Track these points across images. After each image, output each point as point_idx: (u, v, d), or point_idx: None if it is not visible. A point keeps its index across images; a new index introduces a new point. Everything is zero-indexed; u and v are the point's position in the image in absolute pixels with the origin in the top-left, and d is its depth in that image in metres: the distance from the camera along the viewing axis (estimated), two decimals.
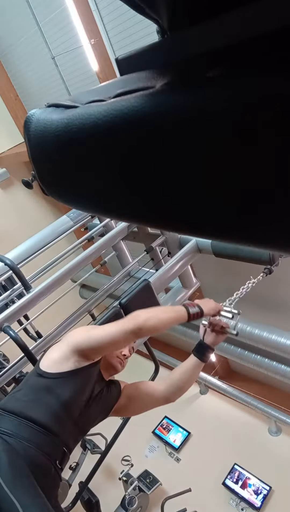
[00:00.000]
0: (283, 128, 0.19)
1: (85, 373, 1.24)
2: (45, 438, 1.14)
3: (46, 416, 1.16)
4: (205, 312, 1.32)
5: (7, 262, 1.92)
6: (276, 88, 0.19)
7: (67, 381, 1.21)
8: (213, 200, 0.25)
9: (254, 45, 0.21)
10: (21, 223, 4.52)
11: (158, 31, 0.31)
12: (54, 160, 0.37)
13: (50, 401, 1.18)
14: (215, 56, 0.24)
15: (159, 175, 0.27)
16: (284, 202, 0.21)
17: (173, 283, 2.40)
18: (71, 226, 2.46)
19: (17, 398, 1.20)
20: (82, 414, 1.25)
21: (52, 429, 1.16)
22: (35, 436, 1.12)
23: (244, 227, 0.25)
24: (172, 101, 0.24)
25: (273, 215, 0.23)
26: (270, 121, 0.20)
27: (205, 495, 3.85)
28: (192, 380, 1.42)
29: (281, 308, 3.66)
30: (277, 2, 0.20)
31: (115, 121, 0.28)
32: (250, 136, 0.21)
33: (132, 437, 3.50)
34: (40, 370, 1.24)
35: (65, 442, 1.20)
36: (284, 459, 3.98)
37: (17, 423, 1.12)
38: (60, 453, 1.18)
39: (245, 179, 0.22)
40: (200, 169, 0.24)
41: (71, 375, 1.22)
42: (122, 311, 1.81)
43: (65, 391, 1.20)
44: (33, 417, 1.14)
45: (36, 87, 4.18)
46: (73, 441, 1.28)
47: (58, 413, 1.18)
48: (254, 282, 1.76)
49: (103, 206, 0.38)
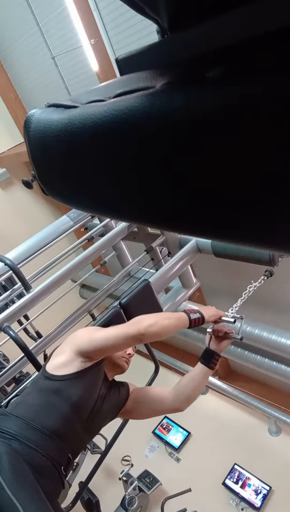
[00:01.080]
0: (283, 127, 0.19)
1: (92, 373, 1.26)
2: (52, 443, 1.13)
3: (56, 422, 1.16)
4: (205, 318, 1.33)
5: (7, 262, 1.92)
6: (276, 88, 0.19)
7: (75, 381, 1.22)
8: (214, 200, 0.25)
9: (254, 45, 0.21)
10: (21, 223, 4.52)
11: (158, 31, 0.31)
12: (54, 160, 0.37)
13: (60, 404, 1.18)
14: (215, 56, 0.24)
15: (159, 175, 0.27)
16: (284, 201, 0.21)
17: (173, 283, 2.40)
18: (71, 226, 2.46)
19: (28, 403, 1.20)
20: (91, 415, 1.25)
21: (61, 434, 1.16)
22: (42, 440, 1.12)
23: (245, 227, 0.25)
24: (172, 101, 0.24)
25: (273, 214, 0.23)
26: (271, 120, 0.20)
27: (205, 495, 3.85)
28: (200, 388, 1.42)
29: (281, 308, 3.66)
30: (277, 2, 0.20)
31: (115, 121, 0.28)
32: (251, 136, 0.21)
33: (132, 437, 3.49)
34: (47, 373, 1.24)
35: (72, 449, 1.21)
36: (284, 459, 3.98)
37: (24, 426, 1.12)
38: (66, 459, 1.19)
39: (245, 179, 0.22)
40: (200, 169, 0.24)
41: (79, 375, 1.23)
42: (122, 311, 1.81)
43: (75, 392, 1.20)
44: (42, 422, 1.14)
45: (36, 87, 4.18)
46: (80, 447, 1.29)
47: (68, 416, 1.18)
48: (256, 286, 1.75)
49: (103, 206, 0.38)
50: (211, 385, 4.77)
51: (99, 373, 1.29)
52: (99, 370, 1.29)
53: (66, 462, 1.19)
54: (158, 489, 3.89)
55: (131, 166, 0.29)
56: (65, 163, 0.36)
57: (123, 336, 1.21)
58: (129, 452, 3.67)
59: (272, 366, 3.53)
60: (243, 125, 0.21)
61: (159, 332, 1.22)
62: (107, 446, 2.38)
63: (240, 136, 0.21)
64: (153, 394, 1.42)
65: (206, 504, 3.73)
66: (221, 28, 0.23)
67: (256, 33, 0.21)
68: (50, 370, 1.25)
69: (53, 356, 1.31)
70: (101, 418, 1.32)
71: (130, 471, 3.67)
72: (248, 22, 0.21)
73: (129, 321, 1.28)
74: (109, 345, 1.23)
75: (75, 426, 1.21)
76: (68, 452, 1.19)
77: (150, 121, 0.26)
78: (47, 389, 1.21)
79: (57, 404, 1.18)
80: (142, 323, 1.21)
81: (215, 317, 1.38)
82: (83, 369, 1.23)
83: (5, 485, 0.95)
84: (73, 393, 1.20)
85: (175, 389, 1.40)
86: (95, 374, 1.27)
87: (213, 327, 1.39)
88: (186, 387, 1.39)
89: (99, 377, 1.29)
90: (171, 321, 1.27)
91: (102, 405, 1.29)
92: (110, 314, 1.78)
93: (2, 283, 2.13)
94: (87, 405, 1.24)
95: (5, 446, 1.06)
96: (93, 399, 1.26)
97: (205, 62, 0.25)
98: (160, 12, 0.28)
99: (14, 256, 2.11)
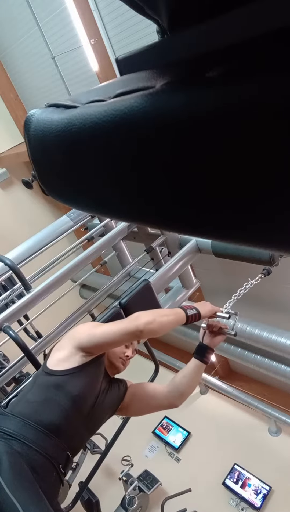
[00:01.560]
0: (283, 127, 0.19)
1: (93, 367, 1.26)
2: (50, 441, 1.13)
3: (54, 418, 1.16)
4: (202, 314, 1.35)
5: (7, 262, 1.92)
6: (276, 87, 0.19)
7: (75, 376, 1.22)
8: (214, 200, 0.25)
9: (254, 45, 0.21)
10: (21, 223, 4.52)
11: (158, 31, 0.31)
12: (54, 160, 0.37)
13: (61, 399, 1.18)
14: (215, 56, 0.24)
15: (159, 175, 0.27)
16: (284, 201, 0.21)
17: (173, 283, 2.40)
18: (71, 226, 2.46)
19: (27, 400, 1.21)
20: (92, 411, 1.26)
21: (60, 431, 1.16)
22: (40, 439, 1.12)
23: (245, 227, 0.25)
24: (172, 101, 0.24)
25: (273, 214, 0.23)
26: (271, 120, 0.20)
27: (205, 495, 3.85)
28: (194, 383, 1.42)
29: (281, 308, 3.66)
30: (277, 2, 0.20)
31: (115, 121, 0.28)
32: (251, 136, 0.21)
33: (132, 437, 3.50)
34: (48, 369, 1.25)
35: (71, 446, 1.21)
36: (284, 459, 3.98)
37: (22, 425, 1.12)
38: (64, 457, 1.19)
39: (245, 179, 0.22)
40: (201, 169, 0.24)
41: (79, 370, 1.23)
42: (122, 311, 1.81)
43: (76, 386, 1.21)
44: (41, 419, 1.14)
45: (36, 87, 4.18)
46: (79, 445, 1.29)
47: (68, 412, 1.18)
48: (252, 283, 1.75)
49: (103, 206, 0.38)
50: (211, 385, 4.77)
51: (100, 367, 1.31)
52: (100, 364, 1.30)
53: (65, 461, 1.19)
54: (158, 489, 3.89)
55: (131, 166, 0.29)
56: (65, 163, 0.36)
57: (121, 332, 1.22)
58: (129, 452, 3.67)
59: (272, 366, 3.53)
60: (243, 125, 0.21)
61: (158, 329, 1.23)
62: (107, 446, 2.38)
63: (240, 136, 0.21)
64: (148, 390, 1.43)
65: (206, 504, 3.73)
66: (221, 28, 0.23)
67: (256, 33, 0.21)
68: (51, 366, 1.25)
69: (53, 351, 1.32)
70: (101, 414, 1.32)
71: (130, 471, 3.68)
72: (248, 22, 0.21)
73: (128, 317, 1.29)
74: (108, 341, 1.24)
75: (75, 422, 1.21)
76: (66, 449, 1.19)
77: (150, 121, 0.26)
78: (47, 384, 1.21)
79: (57, 399, 1.18)
80: (140, 320, 1.22)
81: (211, 312, 1.39)
82: (83, 363, 1.24)
83: (5, 485, 0.95)
84: (74, 387, 1.20)
85: (170, 385, 1.41)
86: (96, 368, 1.28)
87: (207, 322, 1.40)
88: (181, 383, 1.40)
89: (100, 372, 1.30)
90: (169, 318, 1.28)
91: (103, 400, 1.30)
92: (110, 314, 1.78)
93: (2, 283, 2.13)
94: (88, 400, 1.24)
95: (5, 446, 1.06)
96: (94, 394, 1.26)
97: (205, 62, 0.25)
98: (160, 12, 0.28)
99: (14, 256, 2.11)
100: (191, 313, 1.32)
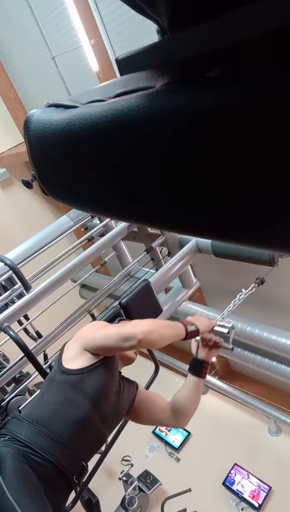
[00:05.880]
0: (282, 127, 0.19)
1: (107, 362, 1.25)
2: (65, 452, 1.12)
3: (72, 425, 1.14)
4: (201, 331, 1.32)
5: (7, 262, 1.92)
6: (275, 87, 0.19)
7: (92, 374, 1.22)
8: (213, 200, 0.25)
9: (253, 45, 0.21)
10: (21, 223, 4.52)
11: (158, 31, 0.31)
12: (54, 160, 0.37)
13: (79, 401, 1.17)
14: (215, 56, 0.24)
15: (159, 175, 0.27)
16: (284, 202, 0.21)
17: (173, 283, 2.40)
18: (71, 226, 2.46)
19: (45, 401, 1.19)
20: (110, 411, 1.25)
21: (76, 440, 1.14)
22: (54, 448, 1.10)
23: (245, 227, 0.25)
24: (172, 101, 0.24)
25: (273, 215, 0.23)
26: (270, 120, 0.20)
27: (205, 495, 3.84)
28: (196, 401, 1.41)
29: (281, 308, 3.66)
30: (277, 2, 0.20)
31: (115, 121, 0.28)
32: (250, 136, 0.21)
33: (132, 437, 3.48)
34: (63, 368, 1.24)
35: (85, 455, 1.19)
36: (284, 459, 3.98)
37: (36, 432, 1.11)
38: (79, 468, 1.17)
39: (244, 179, 0.22)
40: (200, 169, 0.24)
41: (95, 367, 1.23)
42: (122, 311, 1.81)
43: (93, 386, 1.20)
44: (57, 428, 1.13)
45: (36, 87, 4.17)
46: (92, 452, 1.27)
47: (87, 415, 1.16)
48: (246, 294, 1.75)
49: (102, 206, 0.38)
50: (211, 385, 4.77)
51: (113, 363, 1.29)
52: (112, 361, 1.28)
53: (79, 471, 1.17)
54: (158, 489, 3.89)
55: (131, 166, 0.29)
56: (65, 163, 0.36)
57: (121, 340, 1.20)
58: (129, 452, 3.67)
59: (272, 366, 3.53)
60: (243, 125, 0.21)
61: (157, 341, 1.21)
62: (107, 446, 2.38)
63: (240, 136, 0.21)
64: (156, 405, 1.41)
65: (206, 504, 3.72)
66: (220, 28, 0.23)
67: (256, 33, 0.21)
68: (66, 365, 1.24)
69: (64, 350, 1.31)
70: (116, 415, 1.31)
71: (130, 471, 3.67)
72: (247, 22, 0.21)
73: (129, 323, 1.27)
74: (109, 347, 1.23)
75: (92, 427, 1.19)
76: (82, 460, 1.17)
77: (150, 121, 0.26)
78: (65, 384, 1.20)
79: (75, 401, 1.17)
80: (141, 328, 1.19)
81: (209, 327, 1.36)
82: (98, 361, 1.23)
83: (7, 489, 0.94)
84: (92, 387, 1.19)
85: (172, 405, 1.39)
86: (110, 364, 1.27)
87: (202, 336, 1.36)
88: (183, 404, 1.38)
89: (114, 368, 1.29)
90: (169, 330, 1.26)
91: (118, 399, 1.29)
92: (110, 314, 1.77)
93: (2, 283, 2.13)
94: (106, 400, 1.23)
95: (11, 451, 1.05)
96: (113, 391, 1.25)
97: (204, 62, 0.25)
98: (160, 12, 0.28)
99: (14, 256, 2.11)
100: (191, 329, 1.29)
